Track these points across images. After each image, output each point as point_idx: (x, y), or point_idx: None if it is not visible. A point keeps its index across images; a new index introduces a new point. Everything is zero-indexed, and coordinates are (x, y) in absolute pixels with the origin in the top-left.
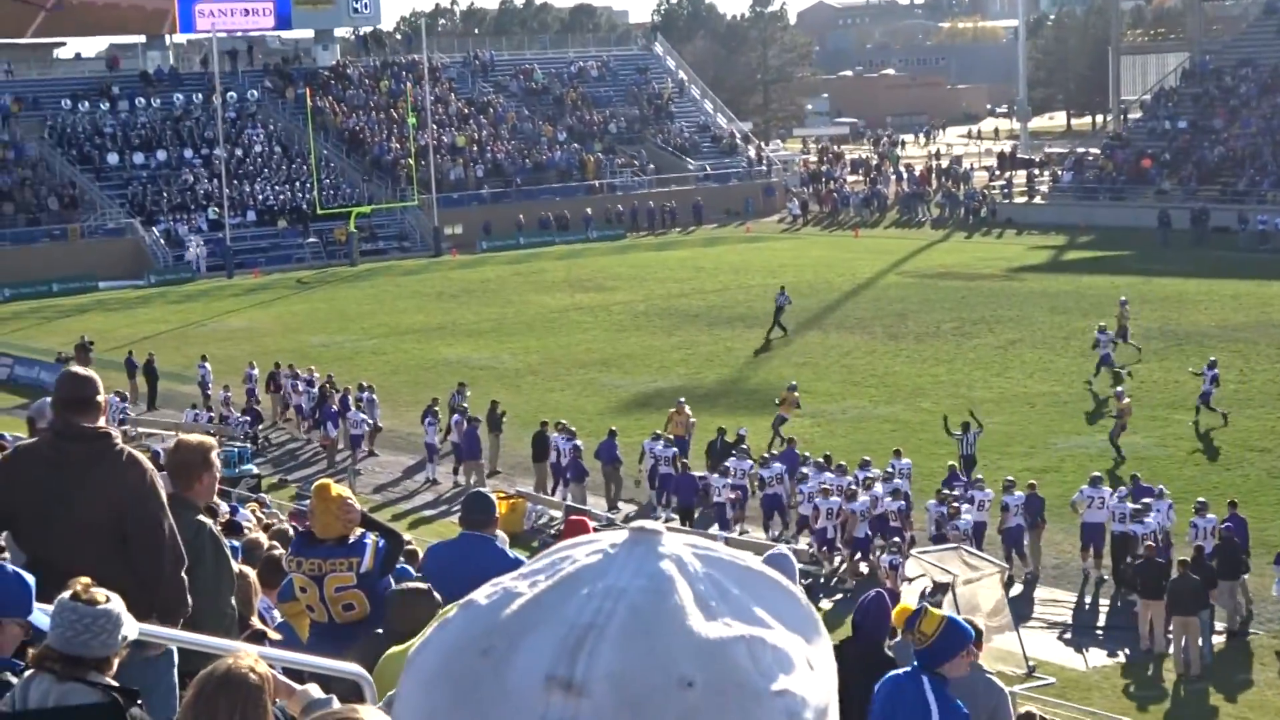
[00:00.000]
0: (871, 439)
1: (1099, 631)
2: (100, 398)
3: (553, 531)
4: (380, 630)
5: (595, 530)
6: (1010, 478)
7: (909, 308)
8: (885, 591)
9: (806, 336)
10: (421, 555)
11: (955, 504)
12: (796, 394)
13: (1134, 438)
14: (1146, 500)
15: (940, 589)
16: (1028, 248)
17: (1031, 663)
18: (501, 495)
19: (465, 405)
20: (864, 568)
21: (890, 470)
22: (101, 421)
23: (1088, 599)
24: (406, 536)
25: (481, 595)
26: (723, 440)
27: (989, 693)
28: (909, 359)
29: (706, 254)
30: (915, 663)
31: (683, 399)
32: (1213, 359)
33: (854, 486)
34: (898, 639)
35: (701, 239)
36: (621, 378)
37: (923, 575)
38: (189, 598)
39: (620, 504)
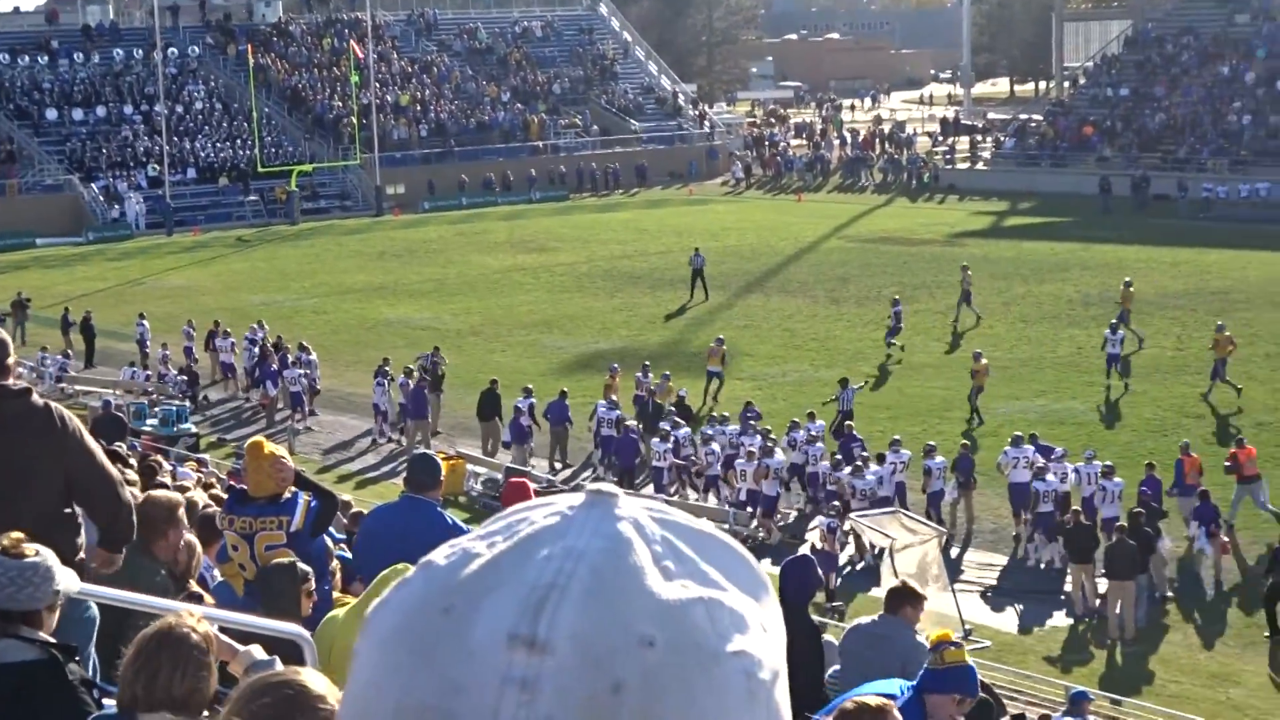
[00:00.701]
0: (812, 402)
1: (1034, 595)
2: (10, 359)
3: (491, 494)
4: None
5: (535, 493)
6: (931, 443)
7: (851, 272)
8: (814, 555)
9: (748, 300)
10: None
11: (861, 463)
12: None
13: (1072, 403)
14: (1044, 462)
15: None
16: (969, 213)
17: (968, 626)
18: (442, 456)
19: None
20: (771, 528)
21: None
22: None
23: (1028, 562)
24: (345, 497)
25: (440, 556)
26: (654, 402)
27: (910, 647)
28: (850, 323)
29: (649, 216)
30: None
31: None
32: (1114, 322)
33: (769, 443)
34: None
35: (645, 201)
36: (563, 339)
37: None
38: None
39: (560, 465)
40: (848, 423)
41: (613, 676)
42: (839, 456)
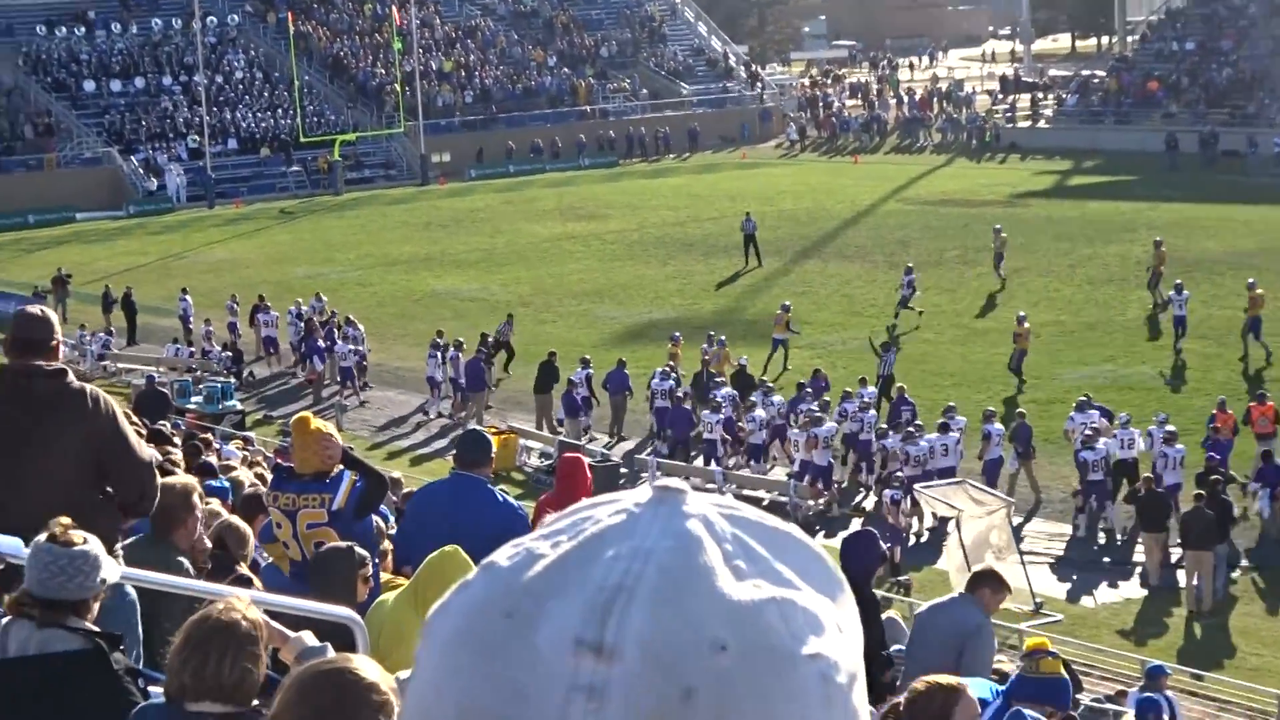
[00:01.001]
0: (871, 370)
1: (1103, 566)
2: (55, 340)
3: (546, 468)
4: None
5: (590, 469)
6: (990, 408)
7: (910, 235)
8: (874, 530)
9: (805, 265)
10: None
11: (913, 429)
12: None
13: (1142, 368)
14: (1094, 426)
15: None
16: (1032, 173)
17: (1039, 599)
18: (493, 430)
19: (508, 337)
20: (829, 499)
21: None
22: (57, 363)
23: (1078, 533)
24: (396, 474)
25: (502, 556)
26: (708, 373)
27: (973, 630)
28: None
29: (702, 181)
30: (1004, 690)
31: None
32: (1178, 283)
33: (818, 413)
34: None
35: (697, 166)
36: (616, 308)
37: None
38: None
39: (622, 438)
40: (898, 385)
41: (684, 683)
42: (884, 425)
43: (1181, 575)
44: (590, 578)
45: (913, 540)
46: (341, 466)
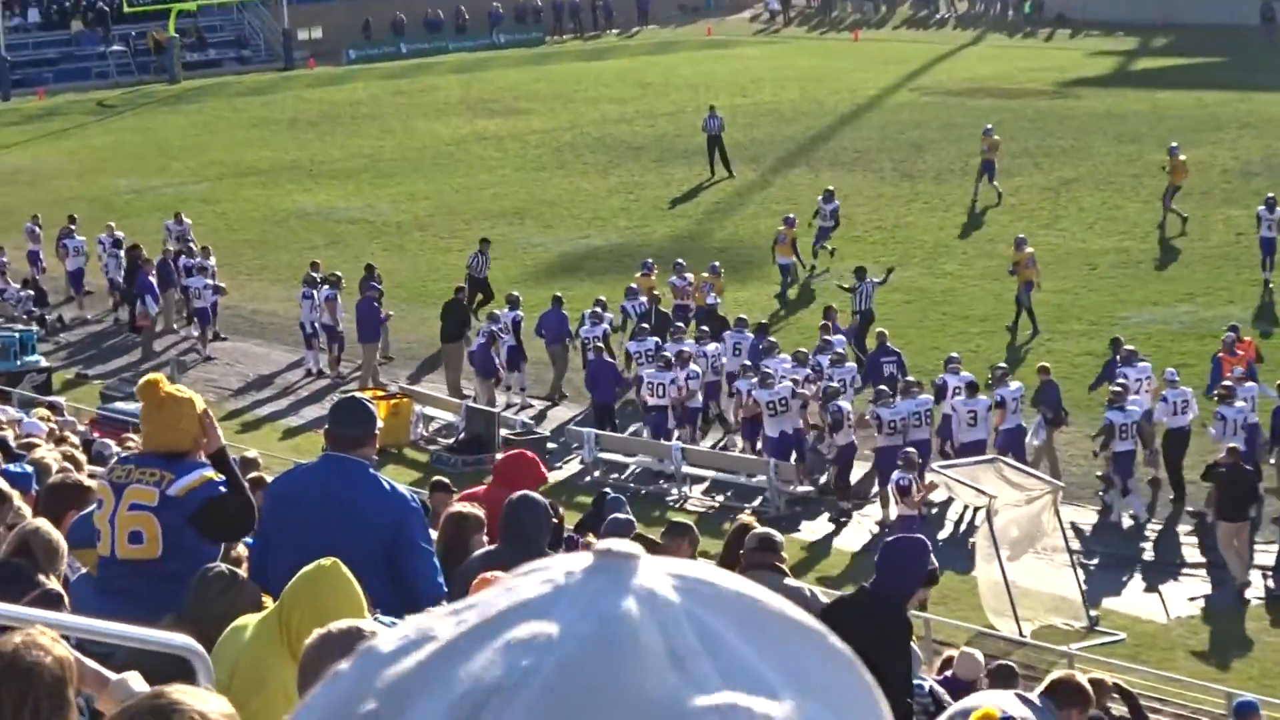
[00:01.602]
0: (879, 314)
1: (1167, 566)
2: None
3: (453, 444)
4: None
5: (545, 468)
6: (1002, 364)
7: (928, 136)
8: (914, 534)
9: (789, 176)
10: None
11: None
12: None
13: (1230, 309)
14: (1123, 380)
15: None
16: (1086, 54)
17: (1094, 613)
18: (379, 395)
19: (485, 267)
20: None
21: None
22: None
23: (1110, 516)
24: (250, 453)
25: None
26: (657, 311)
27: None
28: (927, 206)
29: (655, 65)
30: None
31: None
32: (1270, 197)
33: (834, 382)
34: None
35: (648, 44)
36: (541, 233)
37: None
38: None
39: (563, 395)
40: (878, 330)
41: None
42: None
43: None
44: (469, 673)
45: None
46: (204, 457)
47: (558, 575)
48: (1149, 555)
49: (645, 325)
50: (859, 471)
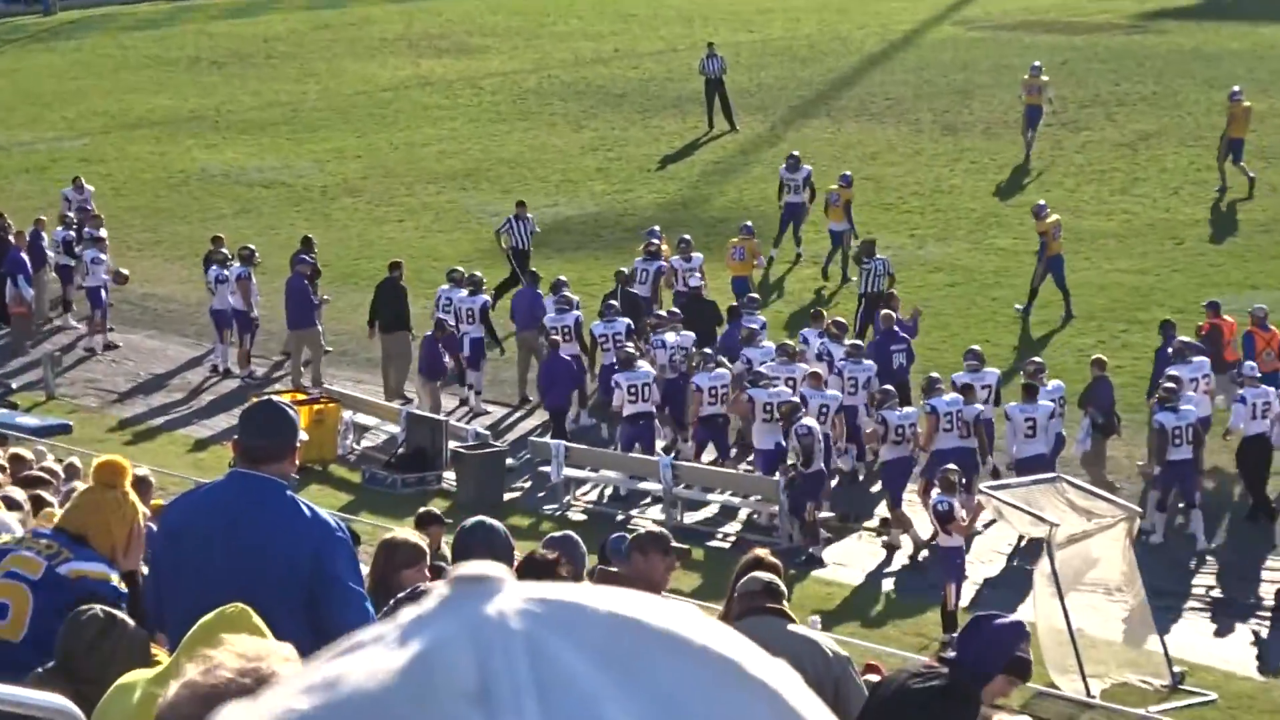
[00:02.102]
0: (915, 298)
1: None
2: None
3: (391, 459)
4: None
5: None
6: (1038, 359)
7: (975, 81)
8: (1022, 623)
9: (805, 129)
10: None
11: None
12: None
13: None
14: (1174, 375)
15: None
16: None
17: (1178, 669)
18: (300, 398)
19: (528, 238)
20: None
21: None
22: None
23: (1150, 537)
24: (141, 470)
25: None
26: (623, 290)
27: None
28: (974, 166)
29: None
30: None
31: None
32: None
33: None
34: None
35: None
36: (500, 200)
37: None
38: None
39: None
40: (884, 311)
41: None
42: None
43: None
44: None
45: (974, 573)
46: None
47: (422, 605)
48: (1217, 592)
49: (613, 303)
50: (854, 492)
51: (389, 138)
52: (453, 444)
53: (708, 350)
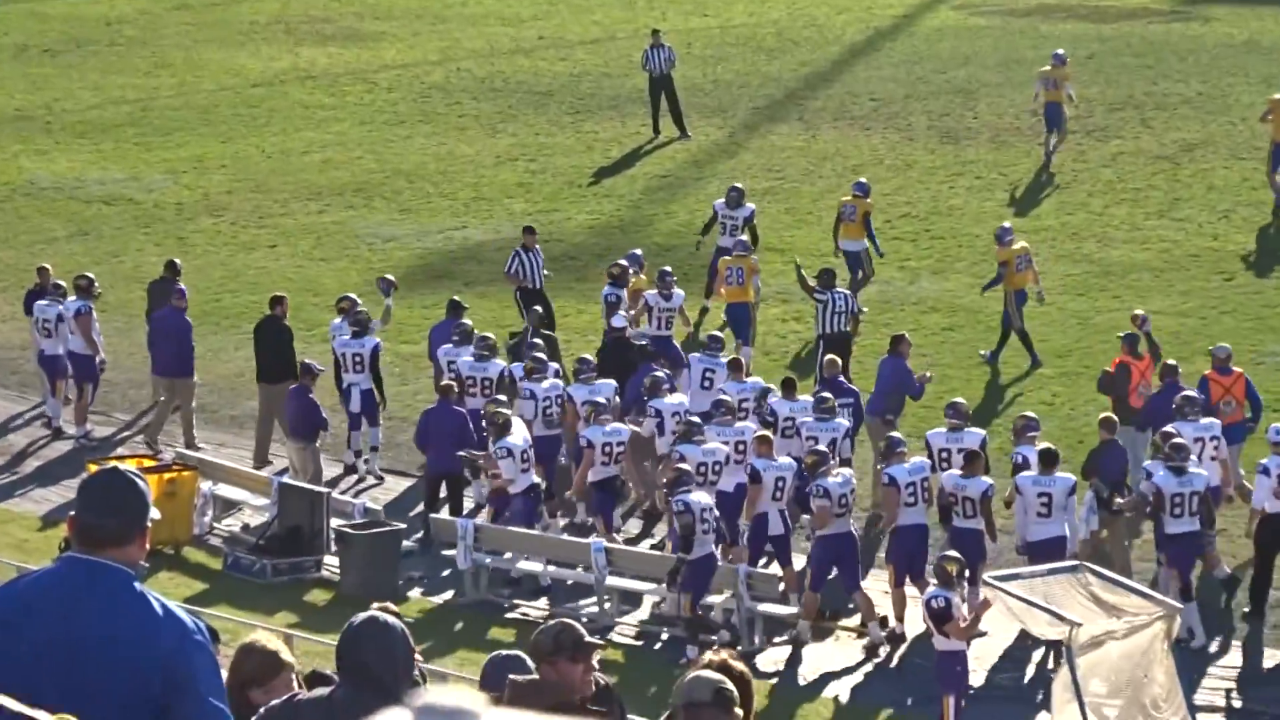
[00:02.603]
0: (905, 344)
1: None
2: None
3: (263, 540)
4: None
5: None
6: (1030, 414)
7: (980, 78)
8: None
9: (770, 136)
10: None
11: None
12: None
13: None
14: (1177, 438)
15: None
16: None
17: None
18: (149, 464)
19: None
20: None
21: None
22: None
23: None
24: None
25: None
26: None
27: None
28: (978, 182)
29: None
30: None
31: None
32: None
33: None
34: None
35: None
36: (398, 221)
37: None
38: None
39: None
40: (829, 357)
41: None
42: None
43: None
44: None
45: (978, 674)
46: None
47: None
48: (1237, 700)
49: (587, 357)
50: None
51: (260, 144)
52: (336, 522)
53: (601, 400)
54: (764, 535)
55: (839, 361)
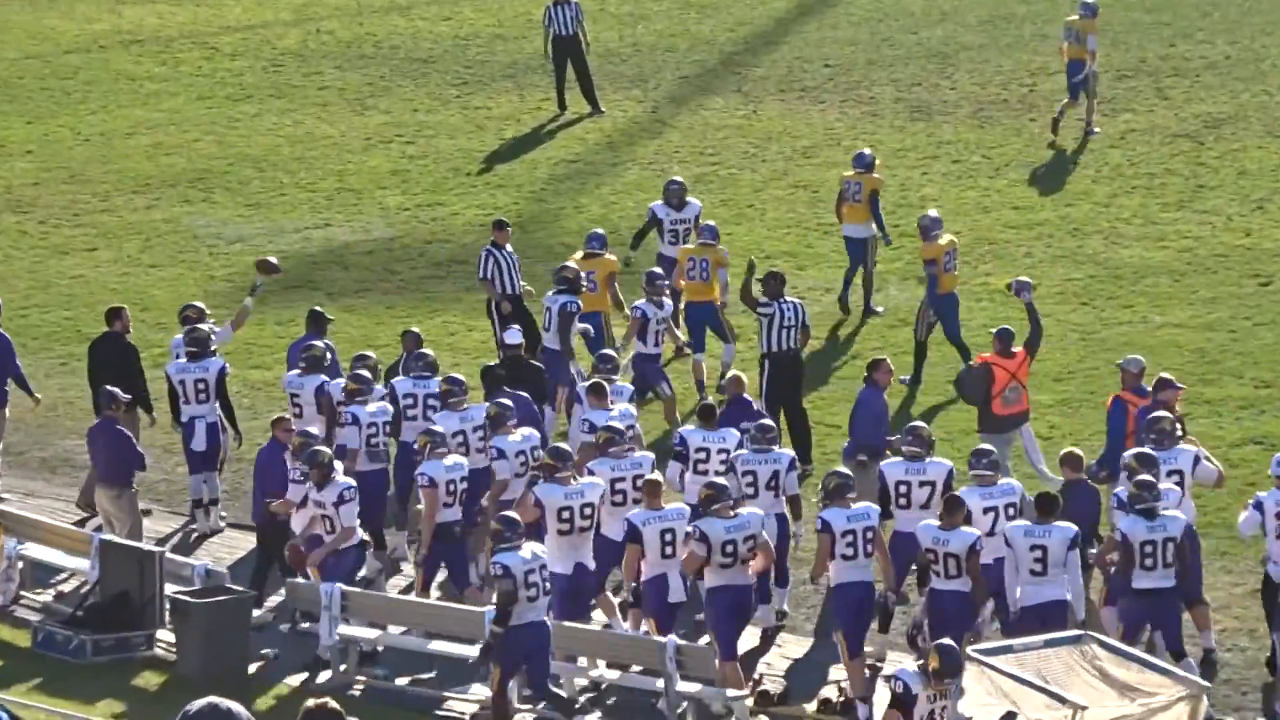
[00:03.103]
0: (866, 347)
1: None
2: None
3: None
4: None
5: None
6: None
7: (957, 39)
8: None
9: (704, 111)
10: None
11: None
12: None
13: None
14: (1147, 455)
15: None
16: None
17: None
18: None
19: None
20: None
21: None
22: None
23: None
24: None
25: None
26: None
27: None
28: (956, 167)
29: None
30: None
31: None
32: None
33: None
34: None
35: None
36: (244, 217)
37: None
38: None
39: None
40: (732, 374)
41: None
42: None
43: None
44: None
45: None
46: None
47: None
48: None
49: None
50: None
51: (74, 124)
52: (171, 588)
53: (439, 430)
54: (665, 603)
55: (742, 379)
